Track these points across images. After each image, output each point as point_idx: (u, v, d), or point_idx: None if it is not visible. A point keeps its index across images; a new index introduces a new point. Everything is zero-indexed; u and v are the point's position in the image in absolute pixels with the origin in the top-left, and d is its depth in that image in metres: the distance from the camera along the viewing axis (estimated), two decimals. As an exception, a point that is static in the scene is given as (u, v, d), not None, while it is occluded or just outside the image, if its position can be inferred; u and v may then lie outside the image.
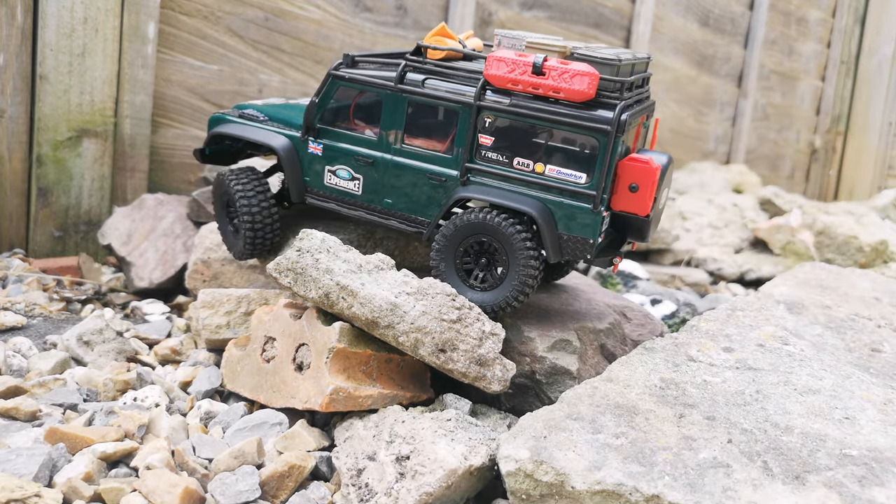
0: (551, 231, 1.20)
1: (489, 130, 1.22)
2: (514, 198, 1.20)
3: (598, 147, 1.16)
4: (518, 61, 1.17)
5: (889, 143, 4.48)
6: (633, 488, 0.91)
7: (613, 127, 1.14)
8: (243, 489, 1.00)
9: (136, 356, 1.40)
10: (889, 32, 4.45)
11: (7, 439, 1.06)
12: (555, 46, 1.20)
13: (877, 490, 0.91)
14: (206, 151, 1.49)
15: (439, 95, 1.24)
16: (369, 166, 1.30)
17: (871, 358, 1.27)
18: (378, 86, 1.28)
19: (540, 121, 1.19)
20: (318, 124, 1.33)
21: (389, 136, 1.28)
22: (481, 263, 1.25)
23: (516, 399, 1.25)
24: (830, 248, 2.66)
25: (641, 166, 1.18)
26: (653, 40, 3.38)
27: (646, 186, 1.18)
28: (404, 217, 1.31)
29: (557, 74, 1.15)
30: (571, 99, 1.16)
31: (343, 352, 1.14)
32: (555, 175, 1.19)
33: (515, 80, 1.18)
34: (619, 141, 1.15)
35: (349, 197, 1.34)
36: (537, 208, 1.19)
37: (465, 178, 1.24)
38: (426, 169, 1.26)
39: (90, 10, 1.85)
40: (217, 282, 1.60)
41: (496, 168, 1.22)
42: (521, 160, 1.21)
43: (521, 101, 1.19)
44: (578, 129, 1.16)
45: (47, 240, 1.91)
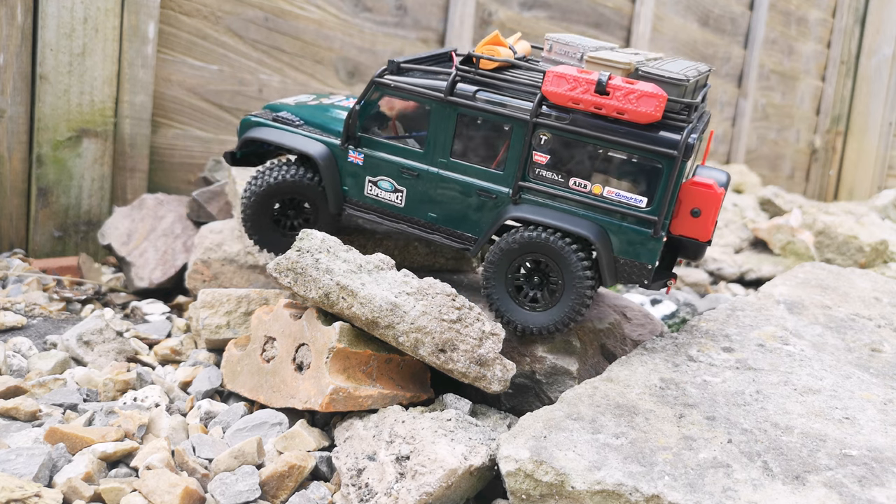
0: (608, 255, 1.16)
1: (544, 148, 1.17)
2: (570, 220, 1.16)
3: (661, 171, 1.11)
4: (580, 79, 1.12)
5: (889, 143, 4.48)
6: (633, 488, 0.91)
7: (680, 151, 1.09)
8: (243, 489, 1.00)
9: (136, 356, 1.40)
10: (889, 32, 4.45)
11: (7, 439, 1.06)
12: (619, 63, 1.14)
13: (877, 490, 0.91)
14: (238, 155, 1.43)
15: (492, 109, 1.19)
16: (414, 179, 1.25)
17: (871, 358, 1.27)
18: (426, 96, 1.22)
19: (601, 141, 1.13)
20: (359, 133, 1.28)
21: (437, 149, 1.23)
22: (534, 282, 1.21)
23: (516, 399, 1.25)
24: (830, 248, 2.66)
25: (705, 191, 1.14)
26: (653, 40, 3.38)
27: (709, 211, 1.14)
28: (449, 232, 1.26)
29: (622, 95, 1.10)
30: (636, 121, 1.11)
31: (343, 352, 1.14)
32: (613, 197, 1.15)
33: (577, 98, 1.12)
34: (686, 165, 1.10)
35: (391, 209, 1.28)
36: (594, 231, 1.15)
37: (518, 196, 1.19)
38: (475, 184, 1.22)
39: (90, 10, 1.85)
40: (217, 282, 1.61)
41: (551, 187, 1.18)
42: (578, 180, 1.16)
43: (582, 120, 1.14)
44: (642, 151, 1.12)
45: (47, 240, 1.91)
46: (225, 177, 1.96)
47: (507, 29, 2.81)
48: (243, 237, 1.57)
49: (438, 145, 1.23)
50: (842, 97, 4.58)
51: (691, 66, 1.20)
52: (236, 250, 1.61)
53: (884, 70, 4.47)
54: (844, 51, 4.52)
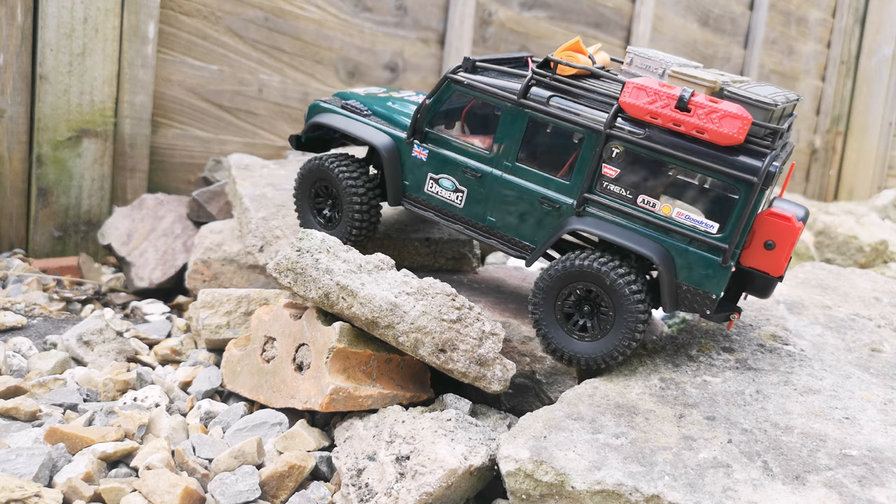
0: (670, 279, 1.10)
1: (615, 161, 1.12)
2: (634, 238, 1.11)
3: (737, 197, 1.06)
4: (661, 93, 1.07)
5: (889, 143, 4.48)
6: (633, 488, 0.91)
7: (760, 178, 1.04)
8: (243, 489, 1.00)
9: (136, 356, 1.40)
10: (889, 32, 4.45)
11: (7, 439, 1.06)
12: (704, 80, 1.09)
13: (877, 490, 0.91)
14: (302, 139, 1.43)
15: (565, 116, 1.15)
16: (476, 180, 1.22)
17: (871, 358, 1.27)
18: (499, 97, 1.20)
19: (676, 160, 1.09)
20: (426, 128, 1.26)
21: (503, 152, 1.20)
22: (584, 311, 1.17)
23: (516, 399, 1.25)
24: (830, 248, 2.66)
25: (783, 224, 1.09)
26: (653, 40, 3.38)
27: (784, 245, 1.09)
28: (507, 239, 1.23)
29: (705, 113, 1.05)
30: (717, 142, 1.06)
31: (343, 352, 1.14)
32: (682, 220, 1.09)
33: (656, 112, 1.07)
34: (764, 194, 1.06)
35: (450, 209, 1.26)
36: (658, 252, 1.09)
37: (582, 208, 1.15)
38: (539, 192, 1.18)
39: (90, 10, 1.85)
40: (217, 282, 1.61)
41: (617, 203, 1.13)
42: (647, 198, 1.11)
43: (658, 136, 1.10)
44: (720, 175, 1.06)
45: (47, 240, 1.91)
46: (225, 177, 1.96)
47: (507, 29, 2.81)
48: (243, 237, 1.57)
49: (505, 148, 1.20)
50: (842, 97, 4.58)
51: (780, 93, 1.15)
52: (236, 250, 1.61)
53: (884, 70, 4.47)
54: (844, 51, 4.52)
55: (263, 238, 1.49)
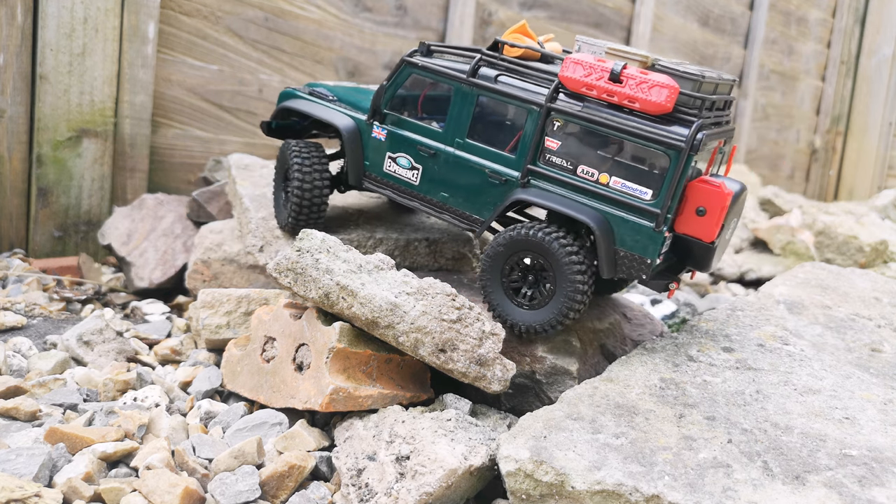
0: (608, 245, 1.14)
1: (557, 134, 1.17)
2: (572, 206, 1.16)
3: (668, 164, 1.10)
4: (596, 66, 1.13)
5: (889, 143, 4.48)
6: (633, 488, 0.91)
7: (688, 145, 1.08)
8: (243, 489, 1.00)
9: (136, 356, 1.40)
10: (889, 32, 4.45)
11: (7, 439, 1.06)
12: (637, 55, 1.15)
13: (877, 490, 0.91)
14: (273, 125, 1.48)
15: (510, 93, 1.20)
16: (431, 158, 1.28)
17: (871, 358, 1.27)
18: (450, 77, 1.25)
19: (611, 130, 1.13)
20: (385, 109, 1.32)
21: (455, 130, 1.26)
22: (529, 281, 1.20)
23: (516, 399, 1.25)
24: (830, 248, 2.66)
25: (713, 189, 1.12)
26: (653, 40, 3.38)
27: (714, 211, 1.12)
28: (459, 213, 1.28)
29: (635, 84, 1.10)
30: (647, 111, 1.11)
31: (343, 352, 1.14)
32: (619, 188, 1.14)
33: (591, 84, 1.13)
34: (692, 160, 1.10)
35: (406, 186, 1.31)
36: (596, 219, 1.14)
37: (526, 179, 1.20)
38: (487, 166, 1.23)
39: (90, 10, 1.85)
40: (217, 282, 1.61)
41: (559, 174, 1.18)
42: (586, 168, 1.16)
43: (594, 108, 1.15)
44: (651, 143, 1.11)
45: (47, 240, 1.91)
46: (225, 177, 1.96)
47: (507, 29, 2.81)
48: (243, 237, 1.57)
49: (457, 126, 1.25)
50: (842, 97, 4.58)
51: (712, 71, 1.19)
52: (236, 250, 1.61)
53: (884, 70, 4.47)
54: (844, 51, 4.52)
55: (263, 238, 1.49)
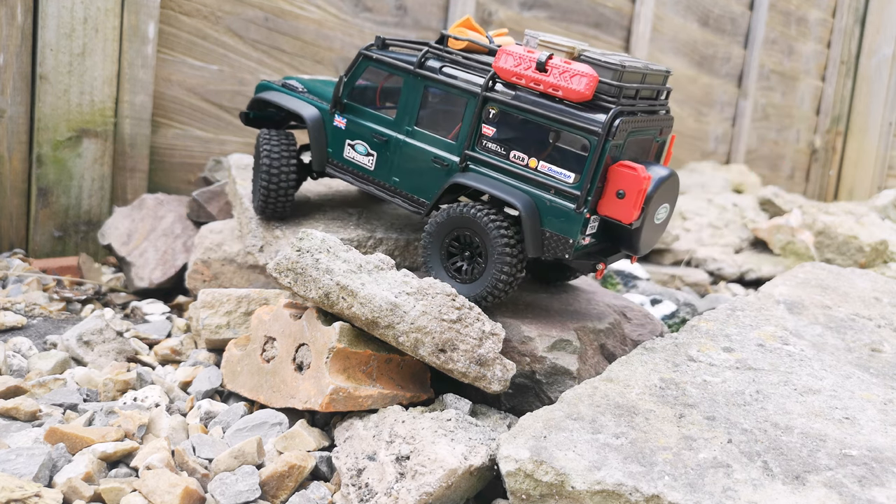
0: (534, 226, 1.21)
1: (492, 121, 1.24)
2: (503, 188, 1.23)
3: (588, 148, 1.17)
4: (524, 56, 1.20)
5: (889, 143, 4.48)
6: (633, 488, 0.91)
7: (604, 130, 1.15)
8: (243, 489, 1.00)
9: (136, 356, 1.40)
10: (889, 32, 4.45)
11: (7, 439, 1.06)
12: (563, 46, 1.20)
13: (877, 490, 0.91)
14: (250, 115, 1.54)
15: (451, 83, 1.27)
16: (383, 144, 1.35)
17: (871, 358, 1.27)
18: (400, 68, 1.33)
19: (537, 116, 1.20)
20: (345, 100, 1.39)
21: (404, 118, 1.33)
22: (465, 256, 1.27)
23: (516, 399, 1.25)
24: (830, 248, 2.66)
25: (630, 173, 1.17)
26: (653, 40, 3.38)
27: (632, 194, 1.17)
28: (407, 196, 1.34)
29: (559, 73, 1.17)
30: (569, 98, 1.17)
31: (343, 352, 1.14)
32: (546, 171, 1.21)
33: (520, 74, 1.20)
34: (609, 144, 1.15)
35: (363, 171, 1.39)
36: (523, 201, 1.20)
37: (465, 164, 1.27)
38: (432, 152, 1.30)
39: (90, 10, 1.85)
40: (217, 282, 1.61)
41: (494, 159, 1.25)
42: (518, 154, 1.23)
43: (524, 96, 1.22)
44: (571, 128, 1.18)
45: (47, 240, 1.91)
46: (225, 177, 1.96)
47: (507, 29, 2.81)
48: (243, 237, 1.57)
49: (406, 114, 1.33)
50: (842, 97, 4.58)
51: (640, 62, 1.24)
52: (236, 250, 1.61)
53: (884, 70, 4.47)
54: (844, 51, 4.52)
55: (263, 238, 1.49)
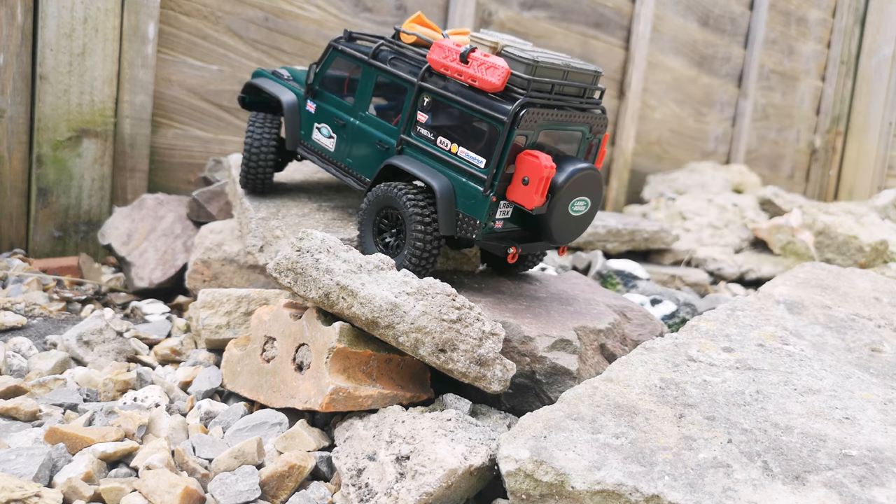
0: (449, 206, 1.28)
1: (426, 109, 1.33)
2: (426, 170, 1.31)
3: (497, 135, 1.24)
4: (452, 49, 1.28)
5: (889, 143, 4.48)
6: (633, 488, 0.91)
7: (510, 118, 1.22)
8: (243, 489, 1.00)
9: (136, 356, 1.40)
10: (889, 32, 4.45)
11: (7, 439, 1.06)
12: (487, 41, 1.28)
13: (877, 490, 0.91)
14: (247, 99, 1.65)
15: (395, 73, 1.37)
16: (342, 128, 1.46)
17: (871, 358, 1.27)
18: (358, 59, 1.44)
19: (458, 105, 1.29)
20: (316, 87, 1.50)
21: (359, 104, 1.43)
22: (392, 232, 1.35)
23: (516, 399, 1.25)
24: (830, 248, 2.66)
25: (533, 161, 1.23)
26: (653, 40, 3.38)
27: (535, 181, 1.23)
28: (357, 176, 1.44)
29: (477, 65, 1.26)
30: (485, 89, 1.25)
31: (343, 352, 1.14)
32: (464, 157, 1.28)
33: (447, 65, 1.29)
34: (515, 132, 1.22)
35: (325, 153, 1.50)
36: (440, 183, 1.29)
37: (401, 148, 1.36)
38: (377, 136, 1.40)
39: (90, 10, 1.85)
40: (217, 282, 1.61)
41: (424, 144, 1.33)
42: (443, 139, 1.31)
43: (451, 86, 1.31)
44: (484, 116, 1.25)
45: (47, 240, 1.91)
46: (225, 177, 1.96)
47: (507, 28, 2.81)
48: (243, 237, 1.57)
49: (361, 101, 1.43)
50: (842, 97, 4.58)
51: (563, 58, 1.31)
52: (236, 250, 1.61)
53: (884, 70, 4.47)
54: (844, 51, 4.52)
55: (263, 238, 1.49)
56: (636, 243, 2.54)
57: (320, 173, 1.83)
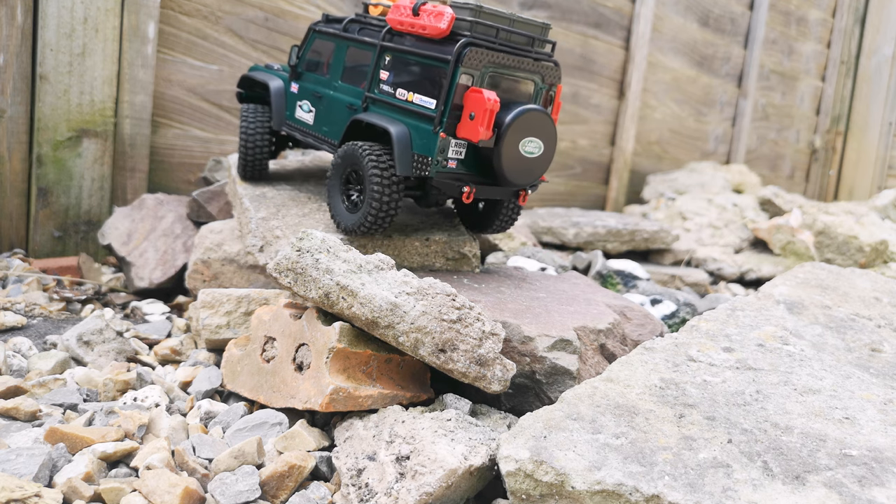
0: (404, 149, 1.36)
1: (387, 67, 1.42)
2: (384, 119, 1.39)
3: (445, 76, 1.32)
4: (406, 6, 1.37)
5: (889, 143, 4.48)
6: (633, 488, 0.91)
7: (454, 57, 1.30)
8: (243, 489, 1.00)
9: (136, 356, 1.40)
10: (889, 32, 4.45)
11: (7, 439, 1.06)
12: None
13: (877, 490, 0.91)
14: (244, 95, 1.74)
15: (361, 39, 1.47)
16: (319, 100, 1.54)
17: (871, 358, 1.27)
18: (331, 35, 1.54)
19: (412, 55, 1.38)
20: (300, 69, 1.60)
21: (333, 76, 1.53)
22: (358, 188, 1.42)
23: (516, 399, 1.25)
24: (830, 248, 2.66)
25: (477, 96, 1.31)
26: (653, 40, 3.38)
27: (479, 114, 1.30)
28: (331, 143, 1.51)
29: (427, 15, 1.35)
30: (434, 35, 1.34)
31: (343, 352, 1.14)
32: (418, 102, 1.36)
33: (402, 21, 1.38)
34: (459, 70, 1.31)
35: (305, 126, 1.58)
36: (397, 127, 1.36)
37: (366, 105, 1.44)
38: (348, 100, 1.48)
39: (90, 10, 1.85)
40: (217, 282, 1.61)
41: (386, 98, 1.41)
42: (402, 91, 1.39)
43: (408, 40, 1.40)
44: (433, 59, 1.34)
45: (47, 240, 1.91)
46: (225, 177, 1.96)
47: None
48: (243, 237, 1.57)
49: (334, 72, 1.52)
50: (842, 97, 4.57)
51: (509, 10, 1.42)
52: (236, 250, 1.61)
53: (884, 70, 4.47)
54: (844, 51, 4.52)
55: (263, 238, 1.49)
56: (636, 243, 2.54)
57: (321, 174, 1.83)
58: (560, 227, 2.52)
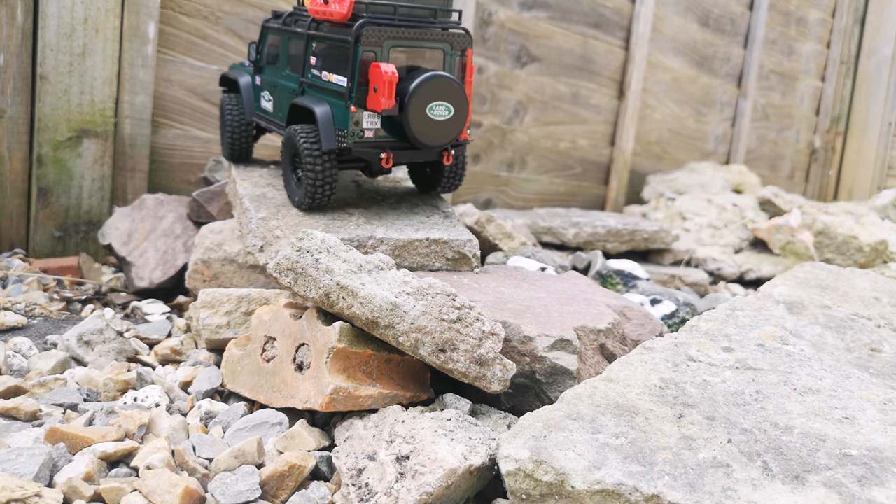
0: (328, 124, 1.47)
1: (315, 53, 1.54)
2: (311, 101, 1.51)
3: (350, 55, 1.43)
4: None
5: (889, 143, 4.48)
6: (633, 488, 0.91)
7: (353, 37, 1.41)
8: (243, 489, 1.00)
9: (136, 356, 1.40)
10: (889, 32, 4.45)
11: (7, 439, 1.06)
12: None
13: (877, 490, 0.91)
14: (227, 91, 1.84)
15: (294, 31, 1.59)
16: (275, 90, 1.67)
17: (871, 358, 1.27)
18: (277, 30, 1.67)
19: (326, 40, 1.50)
20: (260, 63, 1.74)
21: (281, 66, 1.65)
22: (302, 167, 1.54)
23: (516, 399, 1.25)
24: (830, 248, 2.66)
25: (376, 70, 1.42)
26: (653, 40, 3.38)
27: (381, 86, 1.41)
28: (280, 125, 1.64)
29: (333, 2, 1.45)
30: (338, 19, 1.45)
31: (343, 352, 1.14)
32: (336, 82, 1.47)
33: (317, 10, 1.50)
34: (360, 49, 1.42)
35: (267, 114, 1.71)
36: (321, 107, 1.48)
37: (302, 90, 1.57)
38: (291, 87, 1.61)
39: (90, 10, 1.85)
40: (217, 282, 1.61)
41: (315, 81, 1.53)
42: (326, 73, 1.51)
43: (324, 27, 1.51)
44: (339, 42, 1.46)
45: (47, 240, 1.91)
46: (225, 177, 1.96)
47: (507, 29, 2.81)
48: (243, 237, 1.57)
49: (282, 63, 1.65)
50: (842, 97, 4.58)
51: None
52: (236, 250, 1.61)
53: (884, 70, 4.47)
54: (844, 51, 4.52)
55: (263, 238, 1.49)
56: (636, 243, 2.54)
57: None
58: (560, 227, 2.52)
